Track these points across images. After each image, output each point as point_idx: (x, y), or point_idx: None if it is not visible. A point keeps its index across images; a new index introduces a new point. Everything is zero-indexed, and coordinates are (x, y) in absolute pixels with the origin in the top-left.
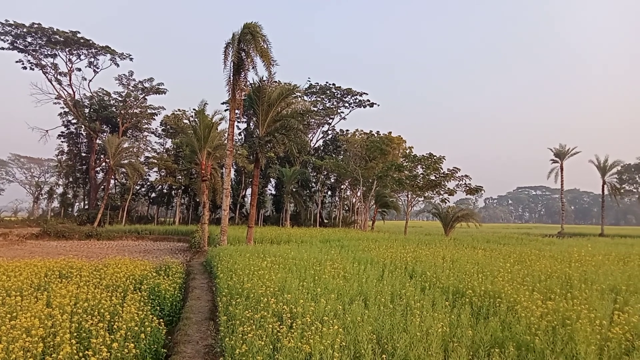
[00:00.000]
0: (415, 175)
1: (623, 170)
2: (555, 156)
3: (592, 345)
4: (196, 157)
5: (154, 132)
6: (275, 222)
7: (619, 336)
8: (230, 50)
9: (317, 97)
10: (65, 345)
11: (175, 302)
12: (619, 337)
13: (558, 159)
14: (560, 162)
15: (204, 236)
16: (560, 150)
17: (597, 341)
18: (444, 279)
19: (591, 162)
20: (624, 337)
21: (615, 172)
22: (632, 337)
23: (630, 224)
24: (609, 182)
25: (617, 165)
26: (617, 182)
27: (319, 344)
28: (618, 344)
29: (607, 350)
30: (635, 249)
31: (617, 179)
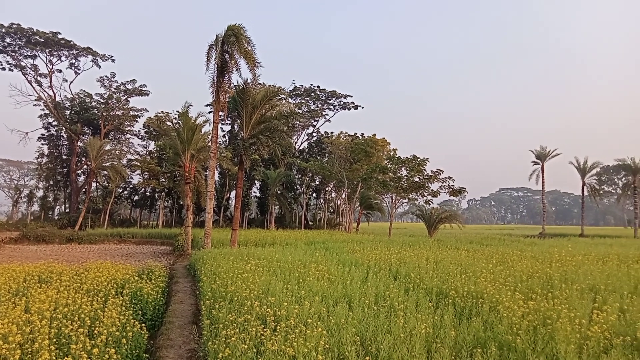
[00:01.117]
0: (400, 177)
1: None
2: (536, 158)
3: (571, 344)
4: (179, 160)
5: (137, 135)
6: (260, 224)
7: (597, 335)
8: (214, 52)
9: (301, 99)
10: (44, 351)
11: (158, 306)
12: (598, 335)
13: (539, 161)
14: (541, 164)
15: (187, 239)
16: (541, 152)
17: (576, 340)
18: (428, 280)
19: (571, 163)
20: (602, 336)
21: (594, 174)
22: (611, 335)
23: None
24: (588, 184)
25: (597, 167)
26: (597, 184)
27: (302, 347)
28: (597, 342)
29: (586, 348)
30: (614, 249)
31: (596, 180)
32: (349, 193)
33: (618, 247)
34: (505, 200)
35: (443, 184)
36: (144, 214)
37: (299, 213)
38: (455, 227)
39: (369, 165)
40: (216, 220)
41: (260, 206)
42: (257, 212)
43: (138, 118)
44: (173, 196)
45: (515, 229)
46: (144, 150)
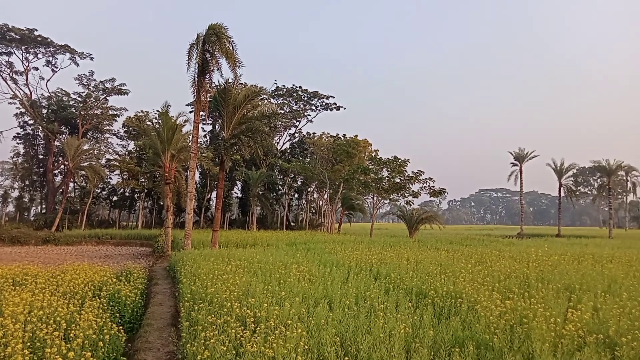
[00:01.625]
0: (381, 178)
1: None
2: (515, 159)
3: (546, 342)
4: (159, 160)
5: (116, 134)
6: (242, 225)
7: (572, 333)
8: (195, 51)
9: (283, 100)
10: (17, 356)
11: (136, 308)
12: (572, 334)
13: (517, 162)
14: (519, 165)
15: (167, 240)
16: (520, 154)
17: (551, 338)
18: (408, 281)
19: (548, 165)
20: (576, 334)
21: (571, 175)
22: (584, 333)
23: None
24: (565, 185)
25: (573, 169)
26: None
27: (282, 348)
28: (571, 340)
29: (561, 347)
30: (589, 248)
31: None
32: (330, 194)
33: (593, 247)
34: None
35: (424, 184)
36: (123, 215)
37: (281, 214)
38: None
39: (350, 166)
40: (197, 221)
41: (242, 207)
42: (239, 212)
43: (117, 117)
44: (153, 197)
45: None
46: (123, 150)
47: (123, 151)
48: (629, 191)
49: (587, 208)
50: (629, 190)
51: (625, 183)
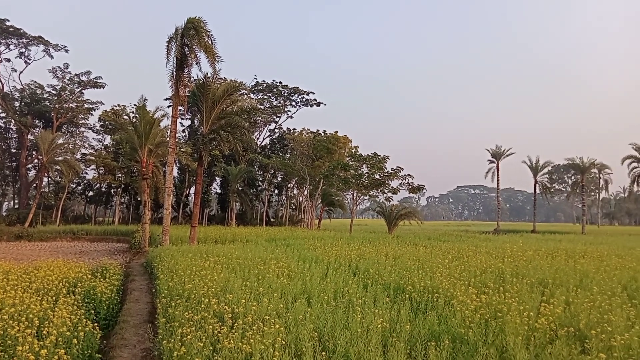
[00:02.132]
0: (361, 174)
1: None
2: (492, 156)
3: (520, 336)
4: (137, 155)
5: (92, 128)
6: (221, 221)
7: (544, 327)
8: (173, 45)
9: (263, 95)
10: None
11: (112, 305)
12: (545, 327)
13: (494, 159)
14: (496, 162)
15: (144, 236)
16: (497, 151)
17: (525, 332)
18: (386, 276)
19: (524, 162)
20: (549, 327)
21: (546, 172)
22: (556, 327)
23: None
24: (540, 182)
25: (548, 166)
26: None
27: (259, 344)
28: (543, 333)
29: (534, 340)
30: (563, 244)
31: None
32: (310, 190)
33: (566, 243)
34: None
35: (403, 181)
36: (99, 211)
37: (261, 210)
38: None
39: (330, 162)
40: (175, 217)
41: (221, 203)
42: (218, 208)
43: (93, 111)
44: (130, 192)
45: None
46: (99, 145)
47: (99, 146)
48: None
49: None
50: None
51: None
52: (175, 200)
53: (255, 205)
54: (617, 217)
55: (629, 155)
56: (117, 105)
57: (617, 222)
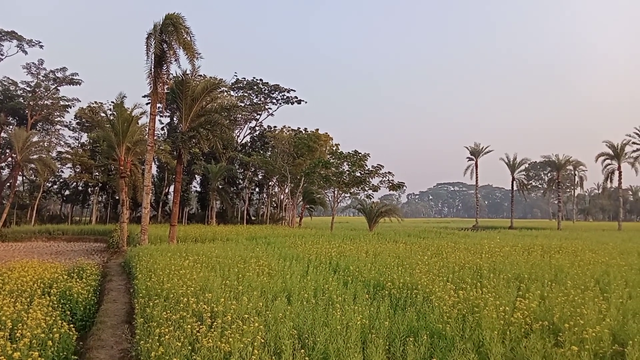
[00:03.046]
0: (342, 172)
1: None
2: (470, 154)
3: (496, 330)
4: (114, 153)
5: (68, 126)
6: (201, 220)
7: (520, 321)
8: (152, 41)
9: (244, 93)
10: None
11: (89, 305)
12: (520, 321)
13: (473, 157)
14: (475, 160)
15: (122, 236)
16: (475, 149)
17: (500, 326)
18: (366, 273)
19: (502, 160)
20: (524, 322)
21: (523, 169)
22: (531, 321)
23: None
24: (517, 179)
25: (525, 163)
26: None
27: (238, 342)
28: (519, 327)
29: (509, 334)
30: (539, 240)
31: (525, 175)
32: (292, 188)
33: (542, 239)
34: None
35: (383, 178)
36: (76, 210)
37: (241, 208)
38: (395, 221)
39: (311, 159)
40: (154, 215)
41: (201, 201)
42: (198, 207)
43: (69, 108)
44: (108, 191)
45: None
46: (75, 143)
47: (75, 143)
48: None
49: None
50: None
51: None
52: (154, 198)
53: (235, 203)
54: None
55: (602, 153)
56: (94, 103)
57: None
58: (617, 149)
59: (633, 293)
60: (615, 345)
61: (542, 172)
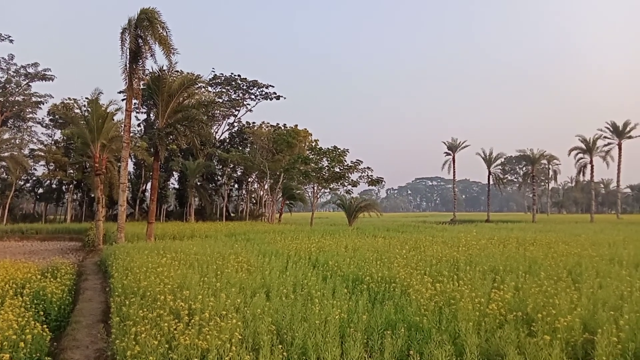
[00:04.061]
0: (321, 167)
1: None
2: (448, 149)
3: (471, 321)
4: (89, 150)
5: (40, 123)
6: (179, 217)
7: (495, 312)
8: (127, 36)
9: (222, 88)
10: None
11: (63, 305)
12: (495, 312)
13: (451, 152)
14: (452, 155)
15: (98, 234)
16: (453, 144)
17: (476, 318)
18: (345, 267)
19: (479, 154)
20: (499, 313)
21: (499, 164)
22: (506, 312)
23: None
24: (494, 173)
25: (501, 157)
26: (501, 173)
27: (216, 339)
28: (494, 318)
29: (484, 325)
30: (514, 232)
31: (500, 169)
32: (271, 184)
33: (518, 231)
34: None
35: (362, 174)
36: (50, 208)
37: (220, 205)
38: (374, 216)
39: (291, 155)
40: (131, 213)
41: (179, 198)
42: (176, 204)
43: (41, 105)
44: (83, 188)
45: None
46: (49, 140)
47: (49, 141)
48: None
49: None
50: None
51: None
52: (131, 196)
53: (214, 200)
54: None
55: (575, 147)
56: (67, 99)
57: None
58: (589, 143)
59: (603, 283)
60: (585, 334)
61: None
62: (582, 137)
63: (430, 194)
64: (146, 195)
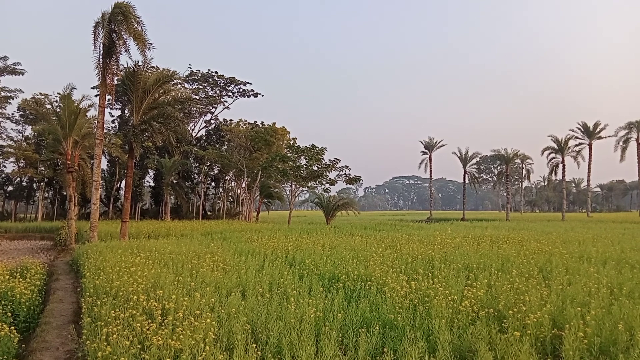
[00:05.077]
0: (299, 165)
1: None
2: (425, 148)
3: (444, 319)
4: (61, 147)
5: (10, 118)
6: (155, 215)
7: (467, 309)
8: (100, 30)
9: (198, 85)
10: None
11: (33, 306)
12: (468, 309)
13: (427, 151)
14: (429, 154)
15: (70, 233)
16: (429, 143)
17: (449, 315)
18: (322, 266)
19: (454, 153)
20: (471, 310)
21: (474, 163)
22: (478, 309)
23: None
24: (469, 172)
25: (476, 157)
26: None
27: (189, 339)
28: (466, 315)
29: (457, 322)
30: (488, 231)
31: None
32: (248, 182)
33: (492, 229)
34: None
35: (340, 172)
36: (20, 207)
37: (197, 203)
38: (352, 214)
39: (269, 154)
40: (105, 212)
41: (155, 196)
42: (151, 202)
43: (11, 100)
44: (55, 186)
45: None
46: (19, 136)
47: (19, 137)
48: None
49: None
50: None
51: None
52: (104, 194)
53: (190, 198)
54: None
55: (548, 147)
56: (39, 94)
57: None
58: (561, 143)
59: (572, 280)
60: (554, 330)
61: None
62: (554, 137)
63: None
64: (120, 194)
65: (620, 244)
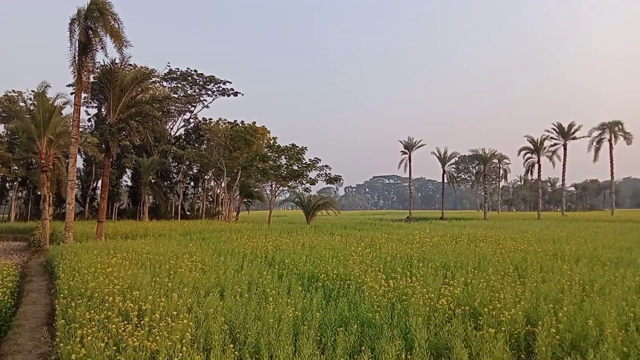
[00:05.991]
0: (279, 165)
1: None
2: (404, 148)
3: (421, 317)
4: (35, 146)
5: None
6: (132, 215)
7: (444, 307)
8: (76, 27)
9: (177, 84)
10: None
11: (4, 309)
12: (445, 307)
13: (407, 151)
14: (408, 153)
15: (44, 233)
16: (409, 143)
17: (426, 313)
18: (301, 266)
19: (433, 153)
20: (448, 307)
21: (453, 163)
22: (454, 306)
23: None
24: (448, 172)
25: (455, 157)
26: (455, 172)
27: (166, 340)
28: (443, 313)
29: (434, 319)
30: (466, 229)
31: (454, 168)
32: (228, 181)
33: (470, 228)
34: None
35: (321, 172)
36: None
37: (176, 203)
38: (332, 214)
39: (249, 153)
40: (81, 212)
41: (133, 196)
42: (129, 202)
43: None
44: (28, 186)
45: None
46: None
47: None
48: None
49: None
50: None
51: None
52: (80, 194)
53: (169, 198)
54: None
55: (524, 147)
56: (11, 91)
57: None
58: (537, 144)
59: (546, 277)
60: (528, 326)
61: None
62: (530, 138)
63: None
64: (97, 193)
65: (593, 242)
